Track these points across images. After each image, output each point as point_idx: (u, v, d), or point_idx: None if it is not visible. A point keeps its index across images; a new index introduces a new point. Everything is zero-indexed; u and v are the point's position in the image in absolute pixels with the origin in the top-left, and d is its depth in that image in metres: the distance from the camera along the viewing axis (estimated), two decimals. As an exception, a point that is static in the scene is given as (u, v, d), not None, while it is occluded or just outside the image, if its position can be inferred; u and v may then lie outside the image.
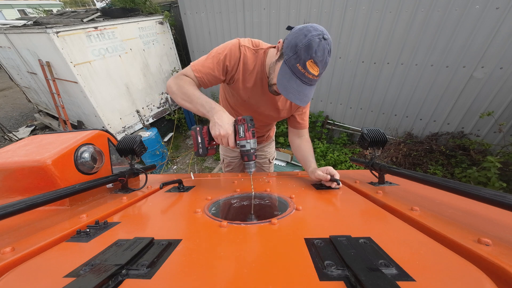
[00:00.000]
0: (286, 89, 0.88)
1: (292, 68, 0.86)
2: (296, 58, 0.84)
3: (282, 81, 0.89)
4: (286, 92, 0.89)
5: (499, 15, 2.42)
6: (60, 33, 2.98)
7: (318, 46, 0.80)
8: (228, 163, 1.78)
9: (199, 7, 4.24)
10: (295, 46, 0.83)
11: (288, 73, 0.87)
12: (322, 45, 0.80)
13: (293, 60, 0.85)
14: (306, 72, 0.84)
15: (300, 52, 0.82)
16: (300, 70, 0.84)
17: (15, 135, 5.50)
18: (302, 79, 0.86)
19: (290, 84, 0.88)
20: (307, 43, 0.80)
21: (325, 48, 0.81)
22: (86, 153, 0.93)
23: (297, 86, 0.87)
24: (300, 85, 0.87)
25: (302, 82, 0.87)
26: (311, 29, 0.82)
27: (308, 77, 0.85)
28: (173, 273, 0.42)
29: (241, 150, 0.88)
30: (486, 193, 0.50)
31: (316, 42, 0.80)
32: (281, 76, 0.89)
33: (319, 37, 0.80)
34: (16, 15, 16.35)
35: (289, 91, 0.88)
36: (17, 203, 0.57)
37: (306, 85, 0.87)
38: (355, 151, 3.81)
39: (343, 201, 0.81)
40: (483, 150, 2.91)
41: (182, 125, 5.28)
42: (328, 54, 0.82)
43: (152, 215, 0.76)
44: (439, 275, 0.38)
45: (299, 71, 0.85)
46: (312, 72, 0.83)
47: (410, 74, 3.14)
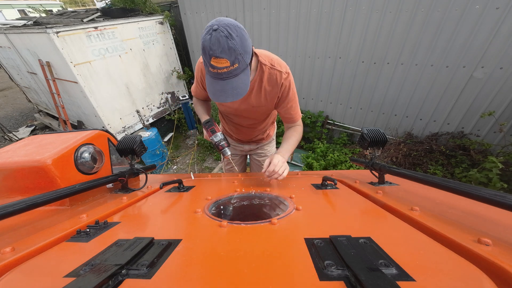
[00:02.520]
0: (214, 94, 0.92)
1: (209, 74, 0.90)
2: (205, 64, 0.87)
3: (209, 89, 0.93)
4: (216, 97, 0.92)
5: (499, 15, 2.42)
6: (60, 33, 2.98)
7: (210, 41, 0.80)
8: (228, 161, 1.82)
9: (199, 7, 4.24)
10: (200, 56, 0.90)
11: (209, 80, 0.92)
12: (213, 37, 0.80)
13: (206, 67, 0.89)
14: (217, 69, 0.85)
15: (203, 58, 0.86)
16: (212, 71, 0.87)
17: (15, 135, 5.50)
18: (220, 77, 0.88)
19: (214, 88, 0.91)
20: (202, 47, 0.83)
21: (218, 38, 0.79)
22: (86, 153, 0.93)
23: (220, 86, 0.90)
24: (222, 84, 0.89)
25: (221, 79, 0.88)
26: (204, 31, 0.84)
27: (222, 72, 0.85)
28: (173, 273, 0.42)
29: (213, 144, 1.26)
30: (486, 193, 0.50)
31: (207, 40, 0.81)
32: (207, 85, 0.94)
33: (208, 33, 0.81)
34: (16, 15, 16.35)
35: (216, 94, 0.91)
36: (17, 203, 0.57)
37: (228, 79, 0.88)
38: (355, 151, 3.80)
39: (343, 201, 0.81)
40: (483, 150, 2.90)
41: (182, 125, 5.27)
42: (228, 38, 0.80)
43: (152, 215, 0.76)
44: (439, 275, 0.38)
45: (213, 72, 0.87)
46: (221, 65, 0.83)
47: (410, 74, 3.14)
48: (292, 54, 3.83)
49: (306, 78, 3.94)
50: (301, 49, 3.72)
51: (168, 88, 4.87)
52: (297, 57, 3.81)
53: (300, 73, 3.94)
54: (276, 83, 1.12)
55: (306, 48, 3.67)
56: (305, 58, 3.76)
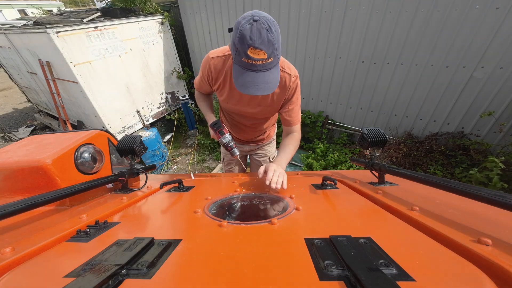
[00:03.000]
0: (244, 85, 0.88)
1: (240, 64, 0.86)
2: (238, 54, 0.84)
3: (238, 80, 0.89)
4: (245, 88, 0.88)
5: (499, 15, 2.42)
6: (60, 33, 2.97)
7: (251, 31, 0.78)
8: (228, 161, 1.83)
9: (199, 7, 4.24)
10: (233, 44, 0.84)
11: (239, 71, 0.87)
12: (254, 28, 0.78)
13: (238, 57, 0.84)
14: (252, 61, 0.82)
15: (238, 46, 0.82)
16: (246, 62, 0.83)
17: (15, 135, 5.51)
18: (254, 69, 0.85)
19: (245, 79, 0.87)
20: (239, 35, 0.80)
21: (259, 29, 0.78)
22: (86, 153, 0.93)
23: (252, 78, 0.86)
24: (254, 76, 0.86)
25: (255, 71, 0.85)
26: (241, 19, 0.81)
27: (257, 64, 0.83)
28: (173, 273, 0.42)
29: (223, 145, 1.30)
30: (486, 193, 0.50)
31: (247, 29, 0.78)
32: (236, 76, 0.89)
33: (249, 23, 0.78)
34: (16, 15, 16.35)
35: (246, 86, 0.87)
36: (17, 203, 0.57)
37: (261, 72, 0.85)
38: (355, 151, 3.80)
39: (343, 201, 0.81)
40: (483, 150, 2.90)
41: (182, 125, 5.27)
42: (268, 31, 0.79)
43: (152, 215, 0.76)
44: (439, 275, 0.38)
45: (246, 63, 0.83)
46: (258, 57, 0.81)
47: (410, 74, 3.14)
48: (292, 54, 3.83)
49: (306, 78, 3.94)
50: (301, 49, 3.72)
51: (168, 88, 4.87)
52: (297, 57, 3.81)
53: (300, 73, 3.91)
54: (285, 85, 1.12)
55: (306, 48, 3.67)
56: (305, 58, 3.76)
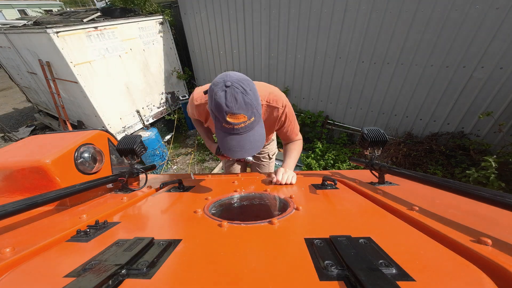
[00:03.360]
0: (230, 149, 0.86)
1: (222, 130, 0.85)
2: (217, 120, 0.83)
3: (223, 145, 0.87)
4: (232, 153, 0.87)
5: (499, 15, 2.42)
6: (60, 33, 2.97)
7: (226, 98, 0.77)
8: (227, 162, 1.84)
9: (199, 7, 4.24)
10: (211, 111, 0.83)
11: (222, 135, 0.86)
12: (228, 94, 0.77)
13: (218, 123, 0.84)
14: (233, 125, 0.81)
15: (216, 114, 0.81)
16: (228, 127, 0.82)
17: (15, 135, 5.51)
18: (237, 133, 0.84)
19: (230, 144, 0.85)
20: (215, 104, 0.79)
21: (234, 94, 0.77)
22: (86, 153, 0.93)
23: (237, 141, 0.85)
24: (239, 139, 0.85)
25: (239, 135, 0.84)
26: (213, 87, 0.80)
27: (239, 127, 0.82)
28: (173, 273, 0.42)
29: None
30: (486, 193, 0.50)
31: (221, 97, 0.77)
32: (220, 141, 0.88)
33: (222, 90, 0.77)
34: (16, 15, 16.33)
35: (233, 150, 0.86)
36: (17, 203, 0.57)
37: (245, 133, 0.84)
38: (355, 151, 3.80)
39: (343, 201, 0.81)
40: (483, 150, 2.90)
41: (182, 125, 5.27)
42: (243, 94, 0.78)
43: (152, 215, 0.76)
44: (439, 275, 0.38)
45: (228, 128, 0.83)
46: (239, 121, 0.80)
47: (410, 74, 3.14)
48: (292, 54, 3.83)
49: (306, 78, 3.94)
50: (301, 49, 3.73)
51: (168, 88, 4.87)
52: (297, 57, 3.81)
53: (300, 73, 3.94)
54: (273, 118, 1.15)
55: (306, 48, 3.68)
56: (305, 58, 3.76)
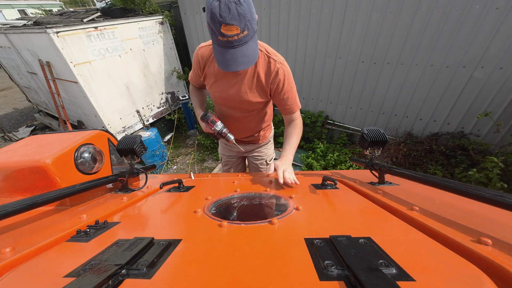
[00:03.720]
0: (225, 64, 0.89)
1: (218, 44, 0.87)
2: (213, 33, 0.84)
3: (218, 59, 0.90)
4: (226, 67, 0.89)
5: (499, 15, 2.42)
6: (60, 33, 2.97)
7: (219, 8, 0.78)
8: (226, 162, 1.80)
9: (199, 7, 4.23)
10: (207, 25, 0.85)
11: (218, 50, 0.88)
12: (222, 4, 0.78)
13: (214, 37, 0.85)
14: (227, 38, 0.82)
15: (211, 26, 0.82)
16: (222, 40, 0.84)
17: (15, 135, 5.51)
18: (231, 46, 0.85)
19: (224, 57, 0.88)
20: (210, 15, 0.80)
21: (227, 4, 0.78)
22: (86, 153, 0.93)
23: (231, 55, 0.87)
24: (233, 52, 0.86)
25: (233, 48, 0.86)
26: None
27: (233, 40, 0.84)
28: (173, 273, 0.42)
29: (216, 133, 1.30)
30: (486, 193, 0.50)
31: (216, 7, 0.78)
32: (216, 56, 0.91)
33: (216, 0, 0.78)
34: (16, 15, 16.34)
35: (227, 64, 0.89)
36: (17, 203, 0.57)
37: (239, 47, 0.86)
38: (355, 151, 3.80)
39: (343, 201, 0.81)
40: (483, 150, 2.91)
41: (182, 125, 5.27)
42: (237, 4, 0.78)
43: (152, 215, 0.76)
44: (439, 275, 0.38)
45: (223, 41, 0.84)
46: (232, 33, 0.82)
47: (410, 74, 3.14)
48: (292, 54, 3.83)
49: (306, 78, 3.94)
50: (301, 49, 3.72)
51: (168, 88, 4.87)
52: (297, 57, 3.81)
53: (300, 73, 3.94)
54: (269, 71, 1.11)
55: (306, 48, 3.67)
56: (305, 58, 3.76)
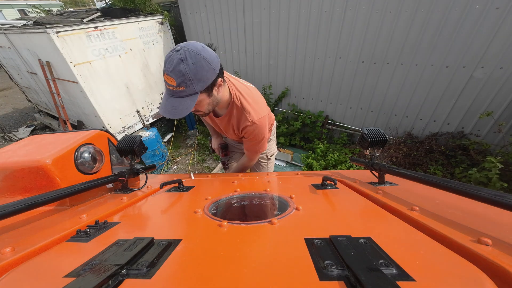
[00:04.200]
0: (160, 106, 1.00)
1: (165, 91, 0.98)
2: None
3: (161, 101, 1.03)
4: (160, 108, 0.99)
5: (499, 15, 2.42)
6: (60, 33, 2.97)
7: (168, 59, 0.86)
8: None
9: (199, 7, 4.24)
10: None
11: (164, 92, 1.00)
12: (172, 57, 0.85)
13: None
14: (166, 85, 0.92)
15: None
16: (166, 87, 0.93)
17: (15, 135, 5.51)
18: (168, 93, 0.94)
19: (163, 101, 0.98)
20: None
21: (173, 59, 0.85)
22: (86, 153, 0.93)
23: (165, 100, 0.97)
24: (167, 98, 0.95)
25: (169, 96, 0.94)
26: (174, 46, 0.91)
27: (169, 89, 0.92)
28: (173, 273, 0.42)
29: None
30: (486, 193, 0.50)
31: (168, 56, 0.87)
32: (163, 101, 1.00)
33: (172, 52, 0.87)
34: (16, 15, 16.33)
35: (161, 107, 0.99)
36: (17, 203, 0.57)
37: (174, 97, 0.94)
38: (355, 151, 3.80)
39: (343, 201, 0.81)
40: (483, 150, 2.91)
41: (182, 125, 5.28)
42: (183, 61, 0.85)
43: (152, 215, 0.76)
44: (439, 275, 0.38)
45: (166, 88, 0.94)
46: (169, 82, 0.89)
47: (410, 74, 3.14)
48: (292, 54, 3.83)
49: (306, 78, 3.94)
50: (301, 49, 3.72)
51: (168, 88, 4.87)
52: (297, 57, 3.81)
53: (300, 73, 3.94)
54: (238, 123, 1.23)
55: (306, 48, 3.67)
56: (305, 58, 3.76)
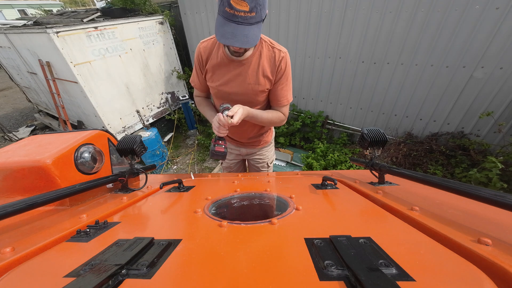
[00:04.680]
0: (223, 35, 0.88)
1: (223, 15, 0.86)
2: (222, 3, 0.84)
3: (219, 30, 0.89)
4: (224, 39, 0.89)
5: (499, 15, 2.42)
6: (60, 33, 2.97)
7: None
8: (227, 166, 1.79)
9: (199, 7, 4.23)
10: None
11: (221, 21, 0.88)
12: None
13: (221, 7, 0.85)
14: (234, 11, 0.82)
15: None
16: (229, 12, 0.83)
17: (15, 135, 5.51)
18: (235, 20, 0.85)
19: (225, 29, 0.87)
20: None
21: None
22: (86, 153, 0.93)
23: (232, 29, 0.87)
24: (235, 27, 0.86)
25: (236, 23, 0.85)
26: None
27: (239, 15, 0.83)
28: (173, 273, 0.42)
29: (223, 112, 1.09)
30: (486, 193, 0.50)
31: None
32: (217, 26, 0.90)
33: None
34: (16, 15, 16.34)
35: (225, 36, 0.88)
36: (17, 203, 0.57)
37: (243, 24, 0.86)
38: (355, 151, 3.80)
39: (343, 201, 0.81)
40: (483, 150, 2.91)
41: (182, 125, 5.27)
42: None
43: (152, 215, 0.76)
44: (439, 275, 0.38)
45: (228, 13, 0.84)
46: (240, 8, 0.81)
47: (410, 74, 3.14)
48: (292, 54, 3.83)
49: (306, 78, 3.94)
50: (301, 49, 3.72)
51: (168, 88, 4.87)
52: (297, 57, 3.81)
53: (300, 73, 3.94)
54: (274, 61, 1.12)
55: (306, 48, 3.67)
56: (305, 58, 3.76)
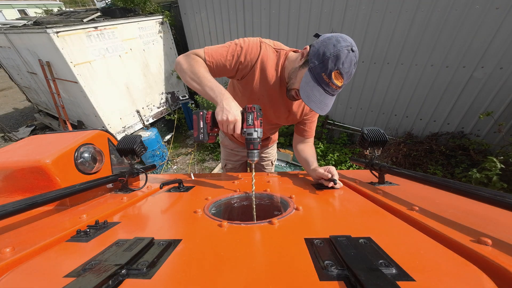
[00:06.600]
0: (309, 97, 0.89)
1: (317, 77, 0.86)
2: (322, 67, 0.84)
3: (306, 89, 0.89)
4: (308, 100, 0.90)
5: (499, 15, 2.42)
6: (60, 33, 2.98)
7: (346, 57, 0.80)
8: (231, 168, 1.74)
9: (199, 7, 4.24)
10: (322, 55, 0.83)
11: (311, 82, 0.88)
12: (349, 56, 0.81)
13: (319, 69, 0.84)
14: (330, 82, 0.84)
15: (327, 62, 0.82)
16: (325, 79, 0.85)
17: (15, 135, 5.51)
18: (326, 89, 0.87)
19: (313, 93, 0.88)
20: (335, 54, 0.81)
21: (352, 60, 0.81)
22: (86, 153, 0.93)
23: (319, 95, 0.88)
24: (323, 94, 0.88)
25: (325, 91, 0.87)
26: (341, 39, 0.82)
27: (331, 87, 0.85)
28: (173, 273, 0.42)
29: (247, 138, 0.83)
30: (486, 193, 0.50)
31: (344, 54, 0.80)
32: (304, 84, 0.89)
33: (347, 49, 0.81)
34: (16, 15, 16.33)
35: (311, 99, 0.89)
36: (17, 203, 0.57)
37: (329, 94, 0.88)
38: (355, 151, 3.80)
39: (343, 201, 0.81)
40: (483, 150, 2.91)
41: (182, 125, 5.27)
42: (354, 66, 0.83)
43: (152, 215, 0.76)
44: (439, 275, 0.38)
45: (324, 80, 0.85)
46: (337, 83, 0.84)
47: (410, 74, 3.14)
48: (292, 54, 3.83)
49: (306, 78, 3.93)
50: (301, 49, 3.72)
51: (168, 88, 4.87)
52: (297, 57, 3.81)
53: (300, 73, 3.93)
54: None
55: (306, 48, 3.67)
56: (305, 58, 3.76)
